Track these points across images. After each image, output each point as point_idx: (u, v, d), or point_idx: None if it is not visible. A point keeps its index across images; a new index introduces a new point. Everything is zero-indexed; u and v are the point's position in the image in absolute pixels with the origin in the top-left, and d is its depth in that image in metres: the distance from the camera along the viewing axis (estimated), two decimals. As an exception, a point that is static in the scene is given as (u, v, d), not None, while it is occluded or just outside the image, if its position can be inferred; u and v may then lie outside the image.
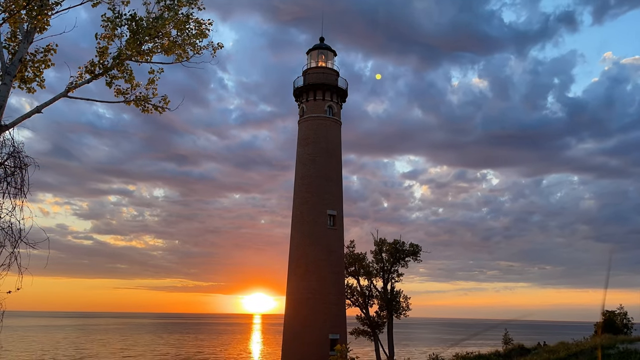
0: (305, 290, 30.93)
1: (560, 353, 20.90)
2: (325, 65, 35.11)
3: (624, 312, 36.21)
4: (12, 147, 8.14)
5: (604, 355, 18.72)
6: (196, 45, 10.14)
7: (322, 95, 33.90)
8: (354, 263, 37.51)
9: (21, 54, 8.67)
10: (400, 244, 37.72)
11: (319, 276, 30.97)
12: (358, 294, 37.79)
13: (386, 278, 37.93)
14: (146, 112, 10.11)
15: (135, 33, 9.39)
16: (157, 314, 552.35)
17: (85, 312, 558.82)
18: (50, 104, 8.89)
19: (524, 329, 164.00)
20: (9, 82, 8.37)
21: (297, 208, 33.06)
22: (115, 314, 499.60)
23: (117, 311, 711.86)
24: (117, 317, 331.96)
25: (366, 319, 37.67)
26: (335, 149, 34.00)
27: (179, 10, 9.77)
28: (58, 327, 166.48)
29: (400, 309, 37.42)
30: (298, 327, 30.71)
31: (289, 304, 31.85)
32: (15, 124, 8.30)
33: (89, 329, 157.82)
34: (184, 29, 9.92)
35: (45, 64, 9.24)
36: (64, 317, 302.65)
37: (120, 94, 9.91)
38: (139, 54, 9.56)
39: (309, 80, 34.22)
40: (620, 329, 34.49)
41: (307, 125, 33.97)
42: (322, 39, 36.19)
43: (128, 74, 9.71)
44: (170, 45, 9.86)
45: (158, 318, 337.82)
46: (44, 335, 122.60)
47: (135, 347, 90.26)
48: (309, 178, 32.85)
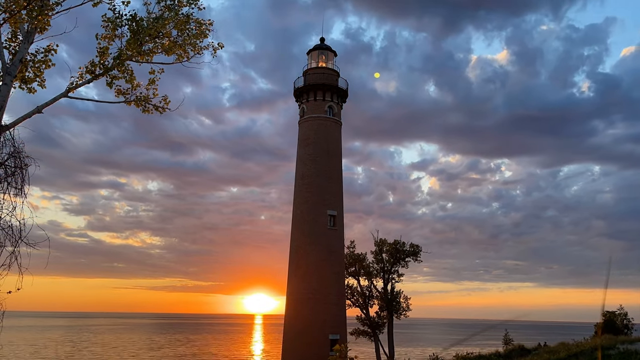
0: (305, 290, 30.94)
1: (560, 353, 20.88)
2: (326, 66, 35.18)
3: (624, 312, 36.24)
4: (12, 147, 8.15)
5: (604, 355, 18.71)
6: (197, 46, 10.15)
7: (322, 96, 33.96)
8: (354, 263, 37.52)
9: (22, 54, 8.67)
10: (401, 244, 37.75)
11: (319, 276, 30.98)
12: (358, 294, 37.79)
13: (386, 278, 37.93)
14: (147, 112, 10.11)
15: (135, 33, 9.39)
16: (157, 314, 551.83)
17: (85, 313, 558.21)
18: (51, 104, 8.90)
19: (525, 329, 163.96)
20: (9, 82, 8.37)
21: (298, 208, 33.09)
22: (116, 314, 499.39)
23: (118, 311, 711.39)
24: (117, 317, 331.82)
25: (366, 320, 37.67)
26: (335, 149, 34.05)
27: (179, 11, 9.78)
28: (57, 328, 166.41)
29: (401, 309, 37.43)
30: (298, 327, 30.72)
31: (289, 304, 31.87)
32: (15, 124, 8.31)
33: (92, 330, 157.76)
34: (184, 29, 9.92)
35: (45, 64, 9.24)
36: (65, 317, 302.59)
37: (120, 94, 9.91)
38: (140, 54, 9.56)
39: (310, 80, 34.28)
40: (620, 329, 34.49)
41: (308, 125, 34.01)
42: (322, 39, 36.35)
43: (129, 74, 9.71)
44: (171, 46, 9.86)
45: (159, 318, 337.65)
46: (41, 335, 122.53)
47: (152, 347, 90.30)
48: (310, 178, 32.88)
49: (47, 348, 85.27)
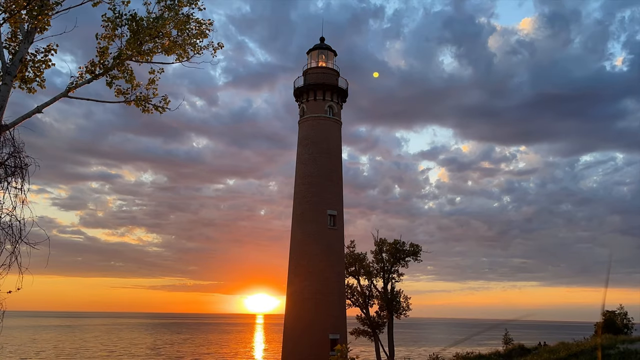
0: (305, 290, 30.95)
1: (560, 353, 20.89)
2: (326, 65, 35.20)
3: (624, 312, 36.31)
4: (12, 146, 8.16)
5: (604, 355, 18.71)
6: (196, 45, 10.16)
7: (322, 95, 33.96)
8: (354, 263, 37.59)
9: (22, 54, 8.67)
10: (401, 244, 37.84)
11: (319, 276, 30.99)
12: (358, 294, 37.85)
13: (386, 278, 37.99)
14: (147, 112, 10.12)
15: (135, 33, 9.40)
16: (158, 314, 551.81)
17: (86, 313, 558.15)
18: (51, 104, 8.90)
19: (525, 329, 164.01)
20: (9, 82, 8.37)
21: (298, 208, 33.10)
22: (116, 314, 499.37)
23: (116, 311, 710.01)
24: (115, 317, 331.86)
25: (366, 319, 37.72)
26: (335, 149, 34.06)
27: (179, 11, 9.78)
28: (53, 328, 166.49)
29: (401, 309, 37.49)
30: (298, 327, 30.73)
31: (289, 304, 31.87)
32: (15, 123, 8.31)
33: (87, 330, 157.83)
34: (184, 29, 9.93)
35: (45, 64, 9.24)
36: (60, 317, 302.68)
37: (120, 94, 9.91)
38: (140, 54, 9.57)
39: (309, 80, 34.28)
40: (620, 329, 34.55)
41: (308, 125, 34.02)
42: (322, 38, 36.36)
43: (128, 74, 9.72)
44: (171, 45, 9.87)
45: (159, 318, 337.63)
46: (38, 336, 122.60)
47: (159, 346, 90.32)
48: (310, 178, 32.89)
49: (43, 350, 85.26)
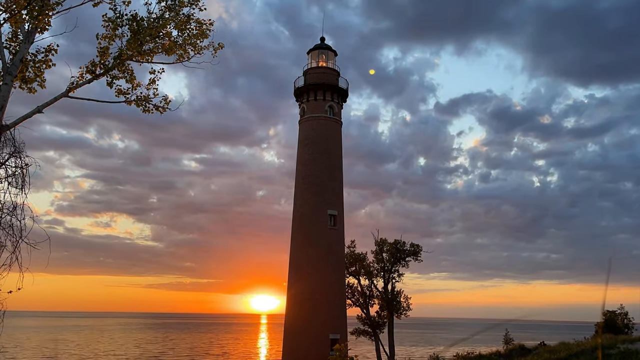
0: (305, 290, 30.96)
1: (561, 353, 20.88)
2: (326, 65, 35.20)
3: (625, 312, 36.29)
4: (13, 146, 8.16)
5: (605, 355, 18.70)
6: (197, 46, 10.15)
7: (322, 95, 33.96)
8: (355, 263, 37.61)
9: (22, 54, 8.67)
10: (401, 244, 37.86)
11: (320, 276, 31.01)
12: (359, 293, 37.86)
13: (387, 278, 38.01)
14: (147, 112, 10.12)
15: (136, 33, 9.40)
16: (158, 313, 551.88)
17: (85, 312, 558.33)
18: (51, 104, 8.91)
19: (526, 329, 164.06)
20: (10, 82, 8.37)
21: (298, 208, 33.12)
22: (115, 313, 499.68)
23: (114, 311, 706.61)
24: (118, 317, 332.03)
25: (367, 319, 37.73)
26: (336, 149, 34.08)
27: (180, 11, 9.78)
28: (57, 328, 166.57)
29: (401, 309, 37.50)
30: (298, 327, 30.74)
31: (290, 303, 31.89)
32: (16, 124, 8.31)
33: (81, 330, 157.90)
34: (184, 29, 9.93)
35: (46, 64, 9.24)
36: (65, 318, 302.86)
37: (121, 94, 9.92)
38: (140, 54, 9.57)
39: (310, 80, 34.29)
40: (621, 329, 34.53)
41: (308, 125, 34.02)
42: (322, 38, 36.38)
43: (129, 74, 9.72)
44: (171, 46, 9.87)
45: (159, 318, 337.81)
46: (36, 336, 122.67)
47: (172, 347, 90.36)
48: (310, 178, 32.91)
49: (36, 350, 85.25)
